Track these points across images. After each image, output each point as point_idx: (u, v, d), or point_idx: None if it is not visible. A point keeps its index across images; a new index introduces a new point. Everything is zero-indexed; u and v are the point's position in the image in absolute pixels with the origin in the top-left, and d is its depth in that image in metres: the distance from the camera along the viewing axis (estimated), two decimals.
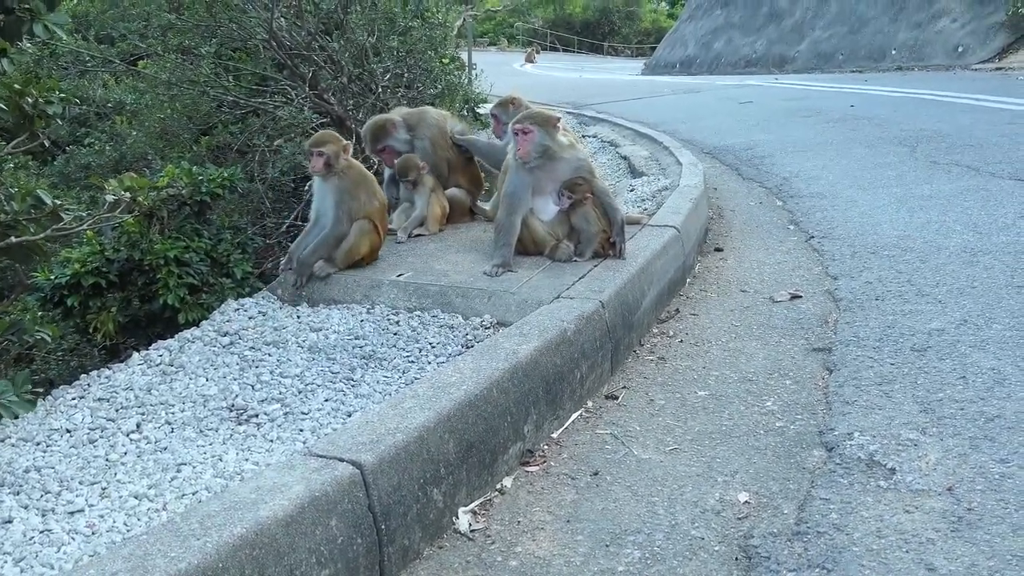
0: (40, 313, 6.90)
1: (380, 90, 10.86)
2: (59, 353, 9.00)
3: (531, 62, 43.43)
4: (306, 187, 10.65)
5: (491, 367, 3.40)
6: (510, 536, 2.93)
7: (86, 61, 14.86)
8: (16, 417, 3.97)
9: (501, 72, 22.93)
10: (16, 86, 5.20)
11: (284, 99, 11.51)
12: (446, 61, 12.78)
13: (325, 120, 11.13)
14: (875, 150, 9.98)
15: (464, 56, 17.12)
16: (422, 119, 6.09)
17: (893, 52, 23.37)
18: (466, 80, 16.00)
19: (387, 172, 6.18)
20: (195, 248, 9.14)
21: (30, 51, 7.35)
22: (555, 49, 56.05)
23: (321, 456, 2.69)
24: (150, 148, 12.53)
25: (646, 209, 6.73)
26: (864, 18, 25.16)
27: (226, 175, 9.72)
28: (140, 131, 12.58)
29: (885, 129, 11.44)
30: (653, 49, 42.86)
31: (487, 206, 6.00)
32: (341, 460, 2.65)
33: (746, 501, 3.06)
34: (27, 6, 4.99)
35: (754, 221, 7.38)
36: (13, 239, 5.06)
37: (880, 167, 8.93)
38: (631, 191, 7.74)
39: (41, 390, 5.28)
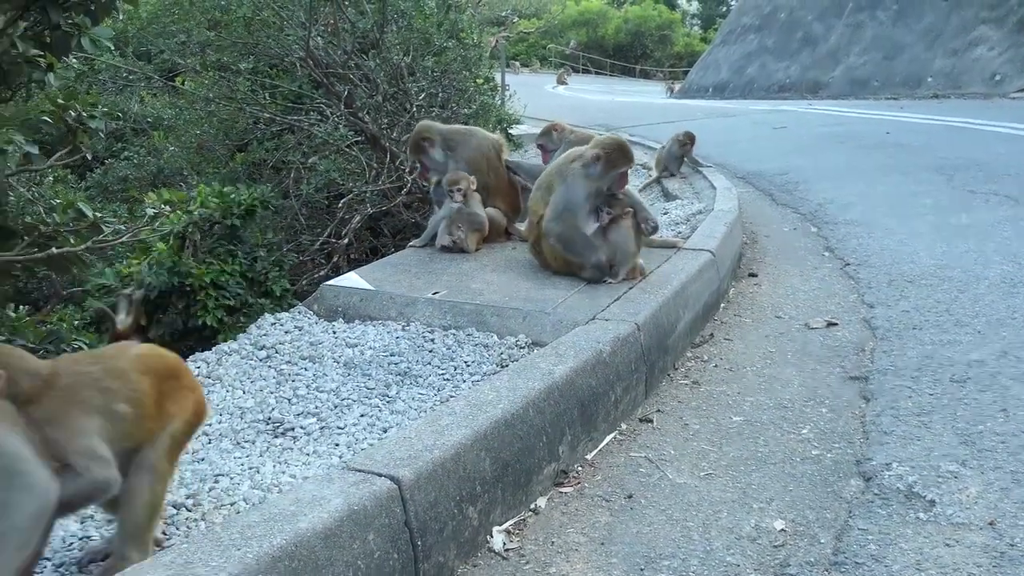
0: (76, 321, 6.97)
1: (415, 109, 10.94)
2: None
3: (563, 84, 43.57)
4: (340, 204, 10.75)
5: (527, 386, 3.41)
6: (544, 556, 2.92)
7: (125, 77, 15.09)
8: None
9: (533, 94, 23.06)
10: (60, 100, 5.28)
11: (319, 117, 11.63)
12: (480, 82, 12.87)
13: (360, 138, 11.24)
14: (911, 178, 9.91)
15: (497, 77, 17.22)
16: (464, 142, 6.11)
17: (929, 79, 23.27)
18: (499, 101, 16.12)
19: (433, 178, 6.20)
20: (230, 271, 9.23)
21: (76, 66, 7.48)
22: (587, 71, 56.21)
23: (359, 470, 2.70)
24: (186, 163, 12.69)
25: (680, 233, 6.73)
26: (900, 45, 25.08)
27: (257, 194, 9.82)
28: (177, 146, 12.75)
29: (921, 157, 11.37)
30: (685, 73, 42.91)
31: (522, 226, 6.01)
32: (379, 475, 2.66)
33: (782, 529, 3.04)
34: (73, 21, 5.07)
35: (788, 247, 7.35)
36: (54, 250, 5.12)
37: (916, 195, 8.87)
38: (665, 215, 7.73)
39: None
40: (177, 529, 2.77)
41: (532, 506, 3.25)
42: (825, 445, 3.67)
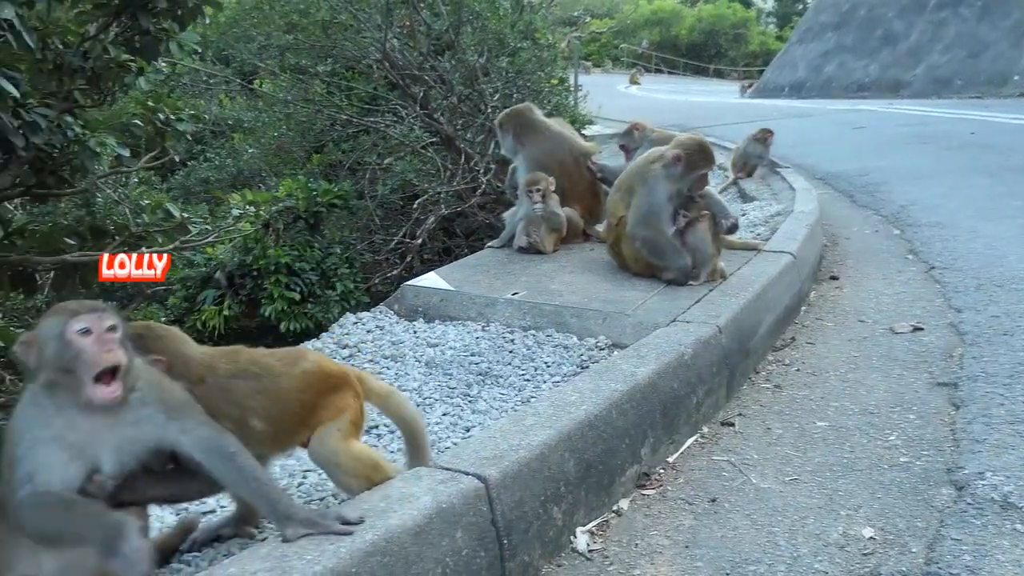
0: (162, 318, 7.17)
1: (489, 110, 10.98)
2: None
3: (635, 84, 43.33)
4: (415, 204, 10.85)
5: (610, 388, 3.40)
6: (628, 559, 2.92)
7: (205, 80, 15.44)
8: None
9: (606, 94, 22.96)
10: (149, 103, 5.44)
11: (395, 118, 11.76)
12: (555, 82, 12.88)
13: (435, 139, 11.33)
14: (998, 179, 9.64)
15: (570, 78, 17.21)
16: (535, 141, 6.10)
17: (1016, 78, 22.60)
18: (572, 101, 16.10)
19: (509, 174, 6.23)
20: (307, 258, 9.42)
21: (165, 70, 7.73)
22: (659, 71, 55.77)
23: (446, 469, 2.73)
24: (265, 164, 12.95)
25: (759, 235, 6.65)
26: (985, 42, 24.40)
27: (338, 191, 10.00)
28: (256, 148, 13.01)
29: (1009, 157, 11.05)
30: (760, 72, 42.30)
31: (601, 228, 6.00)
32: (466, 474, 2.69)
33: (871, 537, 2.98)
34: (161, 26, 5.22)
35: (870, 250, 7.21)
36: (144, 249, 5.27)
37: (1004, 197, 8.63)
38: (742, 216, 7.64)
39: None
40: (269, 523, 2.83)
41: (615, 508, 3.24)
42: (914, 452, 3.59)
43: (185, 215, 5.45)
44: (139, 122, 5.11)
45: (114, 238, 5.33)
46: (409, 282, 5.27)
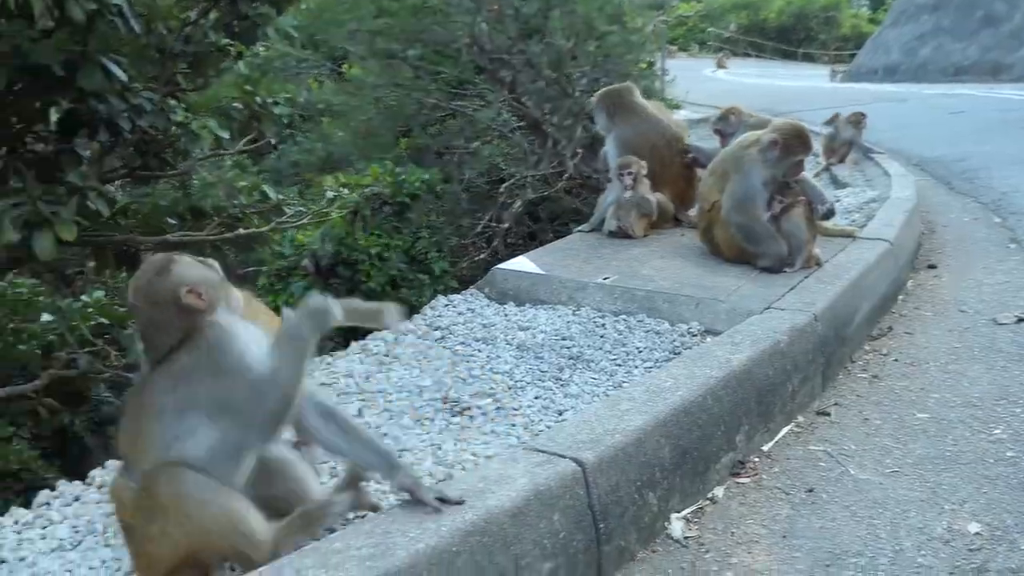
0: (270, 298, 7.34)
1: (577, 94, 10.93)
2: None
3: (722, 68, 42.63)
4: (501, 189, 10.87)
5: (705, 374, 3.38)
6: (724, 546, 2.89)
7: (296, 64, 15.67)
8: None
9: (692, 78, 22.65)
10: (247, 87, 5.55)
11: (482, 102, 11.78)
12: (643, 66, 12.75)
13: (521, 124, 11.33)
14: None
15: (658, 63, 17.01)
16: (627, 122, 6.05)
17: None
18: (659, 86, 15.93)
19: (601, 156, 6.21)
20: (394, 246, 9.52)
21: (263, 54, 7.87)
22: (747, 55, 54.70)
23: (542, 451, 2.74)
24: (354, 148, 13.10)
25: (854, 221, 6.51)
26: None
27: (425, 177, 10.08)
28: (345, 132, 13.17)
29: None
30: (852, 56, 41.21)
31: (692, 213, 5.93)
32: (563, 457, 2.70)
33: (977, 532, 2.90)
34: (259, 11, 5.32)
35: (969, 238, 6.98)
36: (242, 230, 5.40)
37: None
38: (836, 203, 7.46)
39: None
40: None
41: (709, 495, 3.22)
42: (1021, 447, 3.47)
43: (281, 196, 5.56)
44: (238, 105, 5.23)
45: (212, 219, 5.47)
46: (500, 266, 5.29)
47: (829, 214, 5.16)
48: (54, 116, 4.93)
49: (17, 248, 4.68)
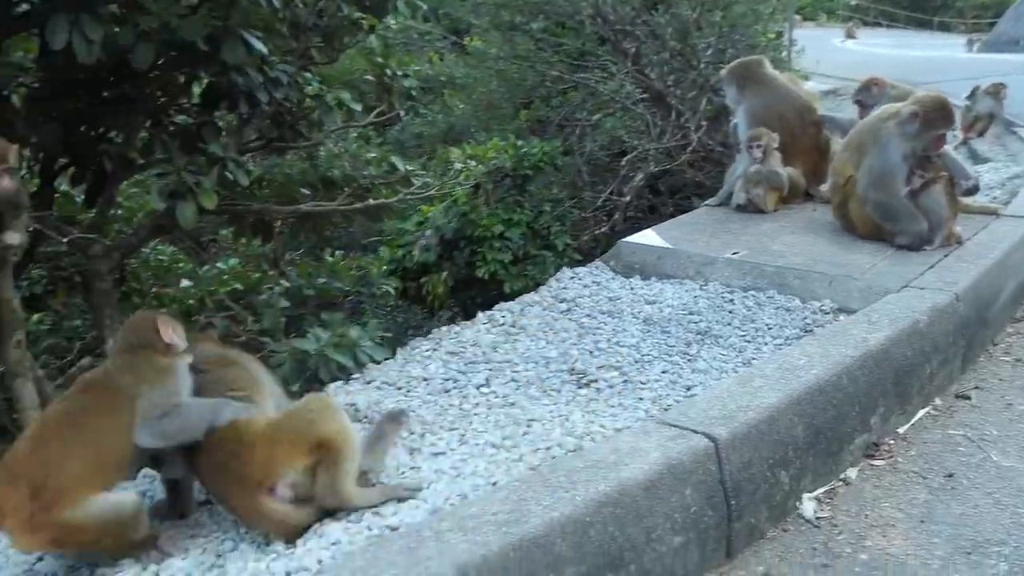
0: (384, 267, 7.50)
1: (701, 66, 10.74)
2: (391, 308, 9.81)
3: (852, 38, 41.09)
4: (623, 162, 10.80)
5: (840, 353, 3.30)
6: (858, 529, 2.83)
7: (420, 37, 15.84)
8: (376, 361, 4.37)
9: (820, 48, 21.88)
10: (378, 59, 5.64)
11: (605, 74, 11.69)
12: (771, 36, 12.43)
13: (644, 95, 11.21)
14: None
15: (785, 32, 16.50)
16: (756, 93, 5.91)
17: None
18: (786, 56, 15.48)
19: (731, 128, 6.10)
20: (516, 221, 9.59)
21: (395, 27, 7.97)
22: (877, 24, 52.57)
23: (674, 426, 2.73)
24: (475, 120, 13.21)
25: (995, 198, 6.22)
26: None
27: (547, 149, 10.08)
28: (467, 104, 13.28)
29: None
30: (991, 25, 39.17)
31: (824, 187, 5.76)
32: (695, 432, 2.68)
33: None
34: None
35: None
36: (371, 201, 5.51)
37: None
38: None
39: (390, 335, 5.74)
40: (497, 467, 2.91)
41: (842, 476, 3.15)
42: None
43: (409, 168, 5.66)
44: (370, 78, 5.33)
45: (342, 190, 5.60)
46: (626, 239, 5.26)
47: (973, 190, 4.95)
48: (196, 90, 5.13)
49: (161, 216, 4.91)
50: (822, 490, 3.04)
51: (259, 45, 4.35)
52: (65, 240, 4.72)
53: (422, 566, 2.03)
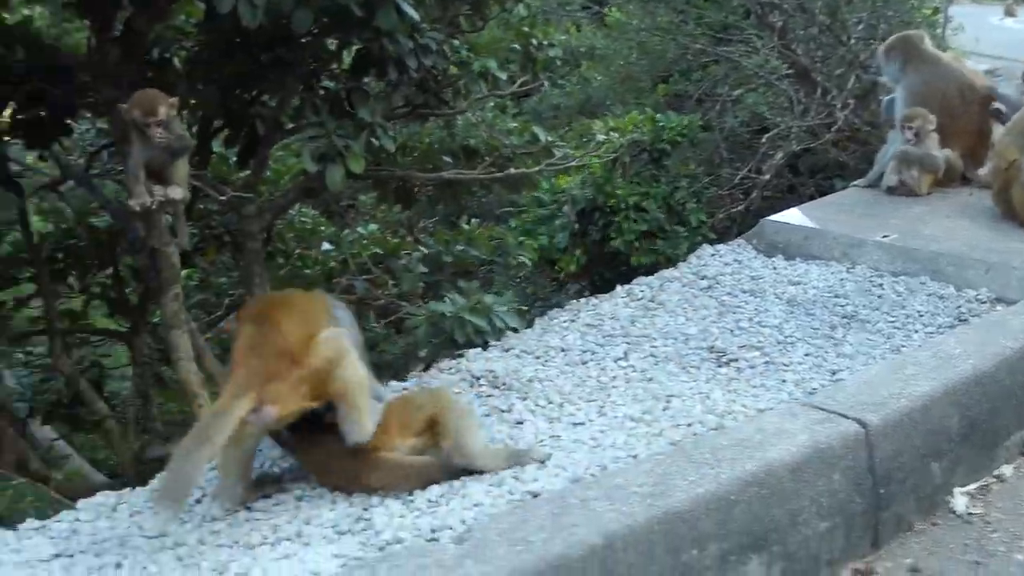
0: (521, 238, 7.55)
1: (851, 42, 10.34)
2: (520, 279, 9.89)
3: (1011, 16, 38.88)
4: (763, 139, 10.53)
5: (999, 344, 3.17)
6: (1015, 528, 2.71)
7: (558, 7, 15.75)
8: (514, 329, 4.42)
9: (977, 26, 20.78)
10: (524, 29, 5.65)
11: (748, 48, 11.39)
12: (927, 12, 11.87)
13: (789, 71, 10.88)
14: None
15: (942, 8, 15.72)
16: (918, 69, 5.65)
17: None
18: (940, 33, 14.78)
19: (885, 105, 5.88)
20: (652, 195, 9.49)
21: None
22: None
23: (822, 409, 2.67)
24: (612, 93, 13.09)
25: None
26: None
27: (685, 123, 9.92)
28: (604, 76, 13.17)
29: None
30: None
31: (983, 171, 5.48)
32: (845, 416, 2.62)
33: None
34: None
35: None
36: (512, 171, 5.54)
37: None
38: None
39: (526, 308, 5.79)
40: (638, 441, 2.91)
41: (996, 472, 3.03)
42: None
43: (551, 139, 5.67)
44: (516, 47, 5.35)
45: (484, 159, 5.64)
46: (770, 217, 5.14)
47: None
48: (347, 56, 5.25)
49: (310, 179, 5.06)
50: (975, 485, 2.93)
51: (411, 11, 4.41)
52: (222, 199, 4.92)
53: (568, 531, 2.05)
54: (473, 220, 7.26)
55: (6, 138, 5.20)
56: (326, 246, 7.18)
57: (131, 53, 4.52)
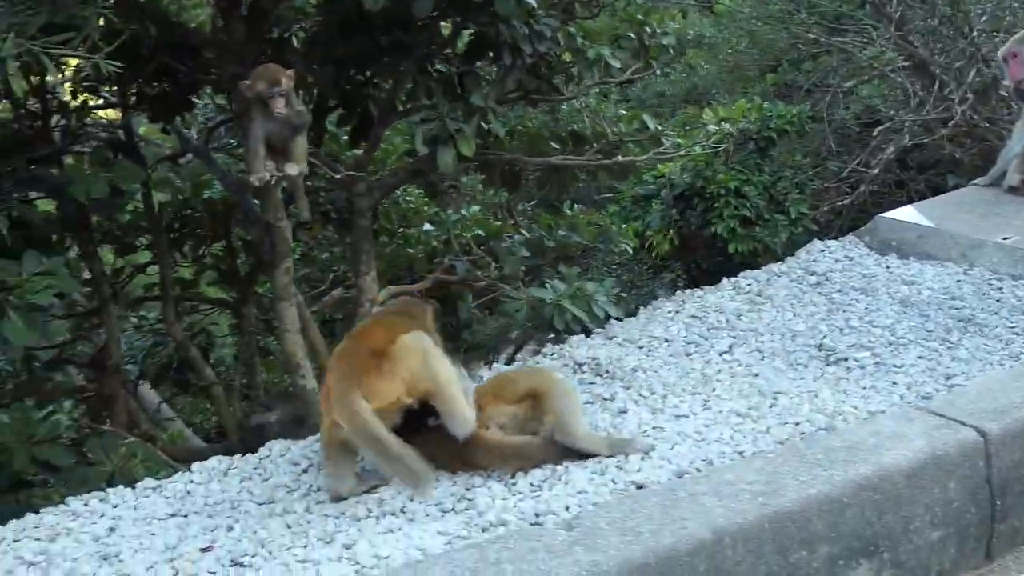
0: (624, 224, 7.54)
1: (974, 34, 9.96)
2: (617, 266, 9.85)
3: None
4: (875, 132, 10.25)
5: None
6: None
7: None
8: (618, 318, 4.42)
9: None
10: (639, 16, 5.61)
11: (863, 39, 11.09)
12: None
13: (906, 63, 10.56)
14: None
15: None
16: None
17: None
18: None
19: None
20: (754, 182, 9.34)
21: None
22: None
23: (939, 415, 2.62)
24: (719, 81, 12.90)
25: None
26: None
27: (794, 113, 9.72)
28: (713, 64, 12.99)
29: None
30: None
31: None
32: (963, 424, 2.55)
33: None
34: None
35: None
36: (620, 158, 5.52)
37: None
38: None
39: (625, 295, 5.78)
40: (744, 437, 2.89)
41: None
42: None
43: (659, 127, 5.63)
44: (631, 35, 5.32)
45: (591, 145, 5.64)
46: (884, 214, 5.02)
47: None
48: (462, 40, 5.30)
49: (420, 161, 5.13)
50: None
51: None
52: (337, 177, 5.03)
53: (678, 524, 2.06)
54: (576, 206, 7.25)
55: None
56: (428, 226, 7.28)
57: (255, 31, 4.64)
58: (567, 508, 2.49)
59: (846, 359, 3.55)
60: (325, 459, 2.93)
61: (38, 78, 4.91)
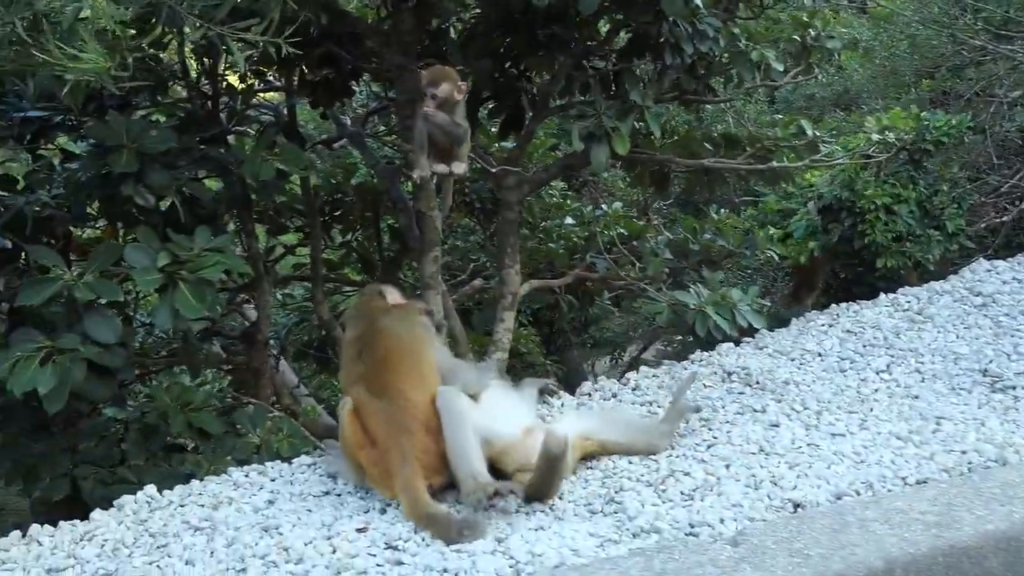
0: (771, 232, 7.37)
1: None
2: (752, 272, 9.65)
3: None
4: None
5: None
6: None
7: None
8: (769, 328, 4.32)
9: None
10: (804, 18, 5.46)
11: None
12: None
13: None
14: None
15: None
16: None
17: None
18: None
19: None
20: (906, 198, 8.97)
21: None
22: None
23: None
24: (872, 86, 12.45)
25: None
26: None
27: (955, 122, 9.28)
28: (869, 67, 12.54)
29: None
30: None
31: None
32: None
33: None
34: None
35: None
36: (774, 164, 5.39)
37: None
38: None
39: (768, 304, 5.64)
40: (906, 462, 2.79)
41: None
42: None
43: (818, 134, 5.46)
44: (796, 37, 5.18)
45: (745, 149, 5.52)
46: None
47: None
48: (618, 38, 5.26)
49: (573, 157, 5.13)
50: None
51: None
52: (493, 170, 5.08)
53: (847, 550, 2.01)
54: (722, 210, 7.11)
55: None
56: (568, 221, 7.28)
57: (421, 22, 4.72)
58: (722, 521, 2.46)
59: (1015, 387, 3.41)
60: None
61: (210, 60, 5.14)
